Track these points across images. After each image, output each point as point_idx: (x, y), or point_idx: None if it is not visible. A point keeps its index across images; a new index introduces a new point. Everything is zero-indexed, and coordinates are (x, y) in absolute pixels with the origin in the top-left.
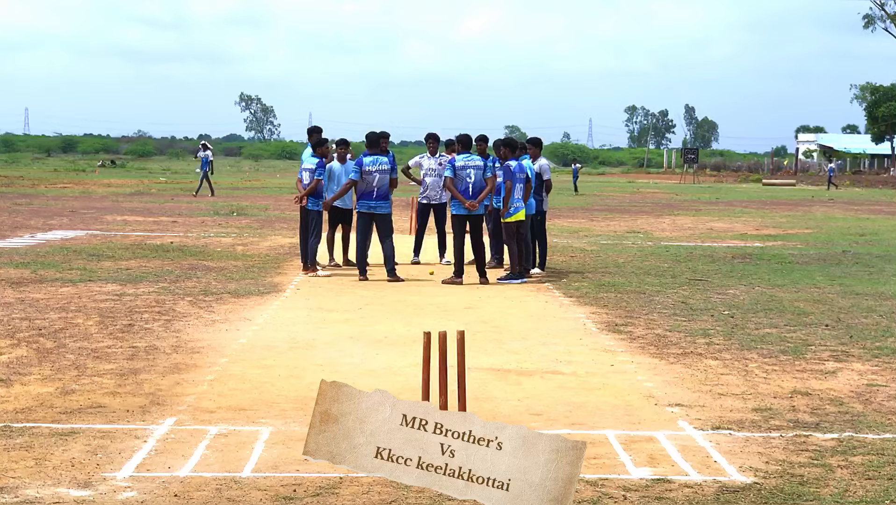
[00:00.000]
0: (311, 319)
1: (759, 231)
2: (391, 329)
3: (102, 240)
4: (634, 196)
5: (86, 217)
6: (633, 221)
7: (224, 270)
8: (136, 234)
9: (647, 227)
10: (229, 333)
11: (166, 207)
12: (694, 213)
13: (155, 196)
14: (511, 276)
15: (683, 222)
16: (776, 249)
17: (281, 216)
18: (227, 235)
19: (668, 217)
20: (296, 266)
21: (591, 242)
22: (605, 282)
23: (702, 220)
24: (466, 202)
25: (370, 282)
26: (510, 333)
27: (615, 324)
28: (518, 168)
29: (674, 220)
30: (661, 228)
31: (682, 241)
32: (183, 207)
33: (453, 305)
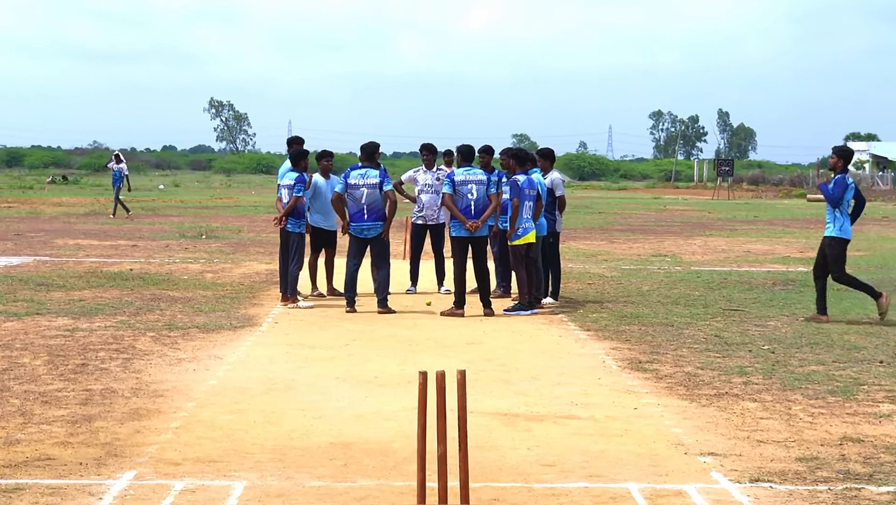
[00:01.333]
0: (291, 357)
1: (804, 254)
2: (382, 368)
3: (52, 267)
4: (661, 214)
5: (33, 241)
6: (660, 243)
7: (191, 301)
8: (90, 261)
9: (676, 249)
10: (197, 373)
11: (125, 230)
12: (729, 234)
13: (112, 217)
14: (519, 306)
15: (717, 244)
16: None
17: (256, 239)
18: (195, 261)
19: (699, 238)
20: (274, 296)
21: (612, 268)
22: (627, 313)
23: (738, 241)
24: (468, 223)
25: (358, 314)
26: (518, 371)
27: (639, 361)
28: (527, 183)
29: (706, 242)
30: (691, 251)
31: (715, 265)
32: (144, 230)
33: (453, 341)
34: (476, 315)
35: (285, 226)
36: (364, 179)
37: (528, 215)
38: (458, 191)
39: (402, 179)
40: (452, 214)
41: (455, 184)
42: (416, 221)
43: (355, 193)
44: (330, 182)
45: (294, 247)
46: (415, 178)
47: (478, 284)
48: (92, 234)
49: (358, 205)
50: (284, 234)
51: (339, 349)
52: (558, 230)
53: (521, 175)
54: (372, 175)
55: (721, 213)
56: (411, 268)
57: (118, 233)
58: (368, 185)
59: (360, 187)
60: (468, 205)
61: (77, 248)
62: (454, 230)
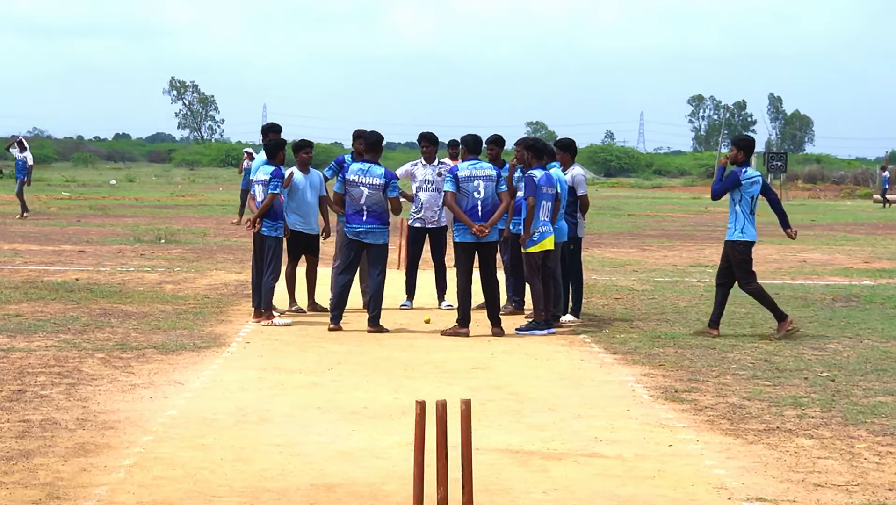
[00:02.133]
0: (266, 383)
1: (870, 265)
2: (373, 397)
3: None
4: (701, 217)
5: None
6: (699, 251)
7: (148, 317)
8: (29, 269)
9: (718, 258)
10: (154, 401)
11: (70, 232)
12: (780, 241)
13: (55, 217)
14: (534, 324)
15: (766, 253)
16: (892, 290)
17: (225, 244)
18: (153, 270)
19: None
20: (245, 311)
21: (643, 280)
22: (660, 333)
23: (791, 249)
24: (474, 226)
25: (344, 332)
26: (533, 401)
27: (675, 390)
28: (545, 180)
29: (754, 250)
30: None
31: (764, 277)
32: (93, 233)
33: (456, 365)
34: (483, 335)
35: (260, 229)
36: (366, 177)
37: (546, 218)
38: (462, 189)
39: (396, 175)
40: (456, 216)
41: (459, 180)
42: (412, 224)
43: (353, 192)
44: (309, 177)
45: (270, 254)
46: (412, 174)
47: (485, 299)
48: (31, 238)
49: (355, 205)
50: (258, 238)
51: (321, 374)
52: (580, 235)
53: (537, 170)
54: (375, 174)
55: (772, 215)
56: (407, 279)
57: (62, 236)
58: (370, 186)
59: (361, 186)
60: (474, 205)
61: (13, 253)
62: (458, 235)
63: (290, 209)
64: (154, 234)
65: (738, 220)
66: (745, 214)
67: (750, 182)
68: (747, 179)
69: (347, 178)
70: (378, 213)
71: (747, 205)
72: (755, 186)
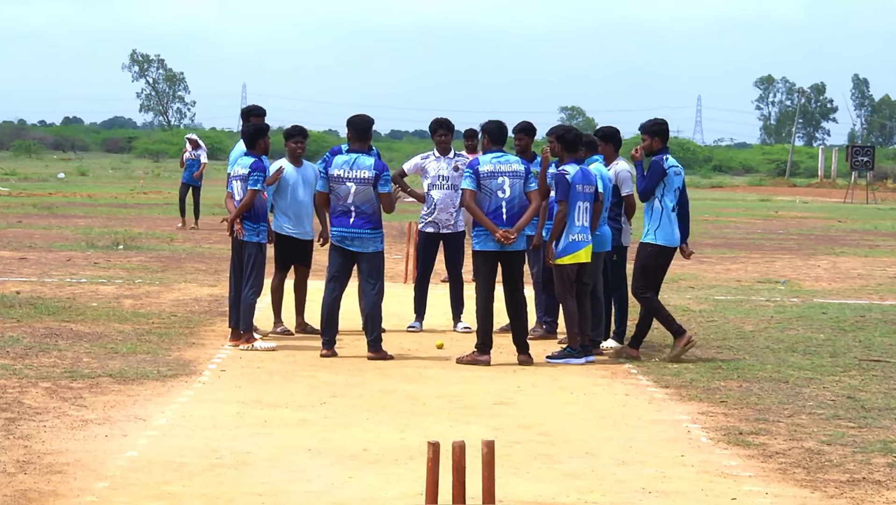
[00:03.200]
0: (245, 420)
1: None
2: (374, 437)
3: None
4: (770, 223)
5: None
6: (769, 265)
7: (103, 339)
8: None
9: (792, 273)
10: (111, 441)
11: (10, 236)
12: (868, 252)
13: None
14: (568, 351)
15: (850, 266)
16: None
17: (196, 251)
18: (109, 282)
19: (824, 258)
20: (220, 332)
21: (701, 298)
22: (722, 363)
23: (880, 262)
24: (498, 231)
25: (340, 359)
26: (568, 445)
27: (739, 431)
28: (580, 177)
29: (835, 263)
30: (813, 276)
31: (848, 296)
32: (37, 236)
33: (476, 400)
34: (507, 363)
35: (241, 233)
36: (352, 170)
37: (584, 223)
38: (484, 186)
39: (404, 170)
40: (476, 220)
41: (480, 176)
42: (423, 229)
43: (338, 189)
44: (302, 171)
45: (251, 263)
46: (423, 168)
47: (510, 320)
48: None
49: (341, 204)
50: (237, 244)
51: (312, 409)
52: (626, 244)
53: (571, 165)
54: (363, 165)
55: (857, 221)
56: (416, 295)
57: (1, 240)
58: (358, 180)
59: (346, 181)
60: (498, 206)
61: None
62: (478, 242)
63: (278, 210)
64: (111, 238)
65: (653, 219)
66: (666, 212)
67: (674, 172)
68: (671, 168)
69: (331, 174)
70: (368, 215)
71: (670, 200)
72: (679, 178)
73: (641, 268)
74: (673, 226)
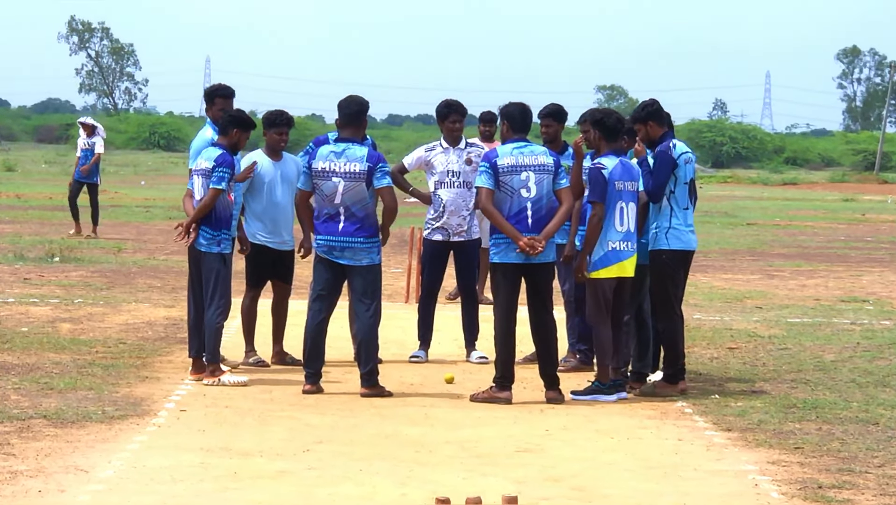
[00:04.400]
0: (211, 472)
1: None
2: (370, 492)
3: None
4: (856, 228)
5: None
6: (854, 280)
7: (35, 371)
8: None
9: (882, 290)
10: (45, 497)
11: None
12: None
13: None
14: (597, 386)
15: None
16: None
17: (149, 264)
18: (42, 302)
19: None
20: (180, 364)
21: (770, 321)
22: (796, 400)
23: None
24: (521, 239)
25: (327, 396)
26: (607, 501)
27: (818, 485)
28: (620, 172)
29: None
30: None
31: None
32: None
33: (494, 446)
34: (533, 401)
35: (195, 241)
36: (340, 163)
37: (629, 227)
38: (504, 184)
39: (404, 165)
40: (494, 225)
41: (499, 172)
42: (430, 237)
43: (324, 187)
44: (281, 165)
45: (213, 279)
46: (428, 163)
47: (536, 348)
48: None
49: (328, 205)
50: (194, 256)
51: (292, 459)
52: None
53: (609, 158)
54: (353, 156)
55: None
56: (420, 318)
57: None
58: (347, 174)
59: (332, 175)
60: (522, 208)
61: None
62: (497, 253)
63: (251, 213)
64: (44, 248)
65: (662, 220)
66: (678, 210)
67: (684, 161)
68: (681, 157)
69: (314, 168)
70: (360, 219)
71: (682, 195)
72: (690, 167)
73: (662, 278)
74: (686, 225)
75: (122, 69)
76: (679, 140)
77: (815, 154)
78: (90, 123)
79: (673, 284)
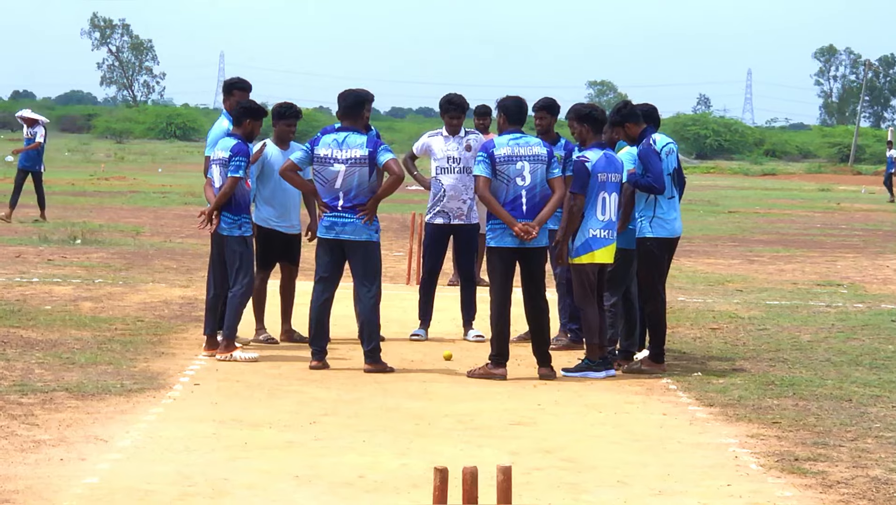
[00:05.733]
0: (222, 442)
1: None
2: (372, 462)
3: None
4: (831, 216)
5: None
6: (830, 265)
7: (58, 347)
8: None
9: (855, 275)
10: (67, 465)
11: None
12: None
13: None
14: (586, 363)
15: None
16: None
17: (166, 247)
18: (65, 282)
19: (894, 257)
20: (194, 340)
21: (750, 303)
22: (775, 378)
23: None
24: (517, 224)
25: (332, 372)
26: (596, 472)
27: (794, 457)
28: (604, 164)
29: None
30: (881, 278)
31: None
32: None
33: (490, 419)
34: (527, 377)
35: (217, 226)
36: (340, 150)
37: (609, 217)
38: (500, 173)
39: (413, 151)
40: (491, 211)
41: (496, 161)
42: (431, 221)
43: (325, 172)
44: (289, 154)
45: (238, 260)
46: (430, 149)
47: (530, 328)
48: None
49: (329, 190)
50: (217, 239)
51: (300, 430)
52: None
53: (593, 151)
54: (354, 144)
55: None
56: (421, 298)
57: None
58: (348, 160)
59: (333, 162)
60: (517, 195)
61: None
62: (493, 238)
63: (261, 199)
64: (67, 231)
65: (648, 208)
66: (662, 199)
67: (666, 152)
68: (663, 148)
69: (317, 154)
70: (361, 201)
71: (667, 184)
72: (672, 157)
73: (643, 267)
74: (673, 213)
75: (141, 63)
76: (660, 133)
77: (794, 147)
78: (28, 116)
79: (657, 270)
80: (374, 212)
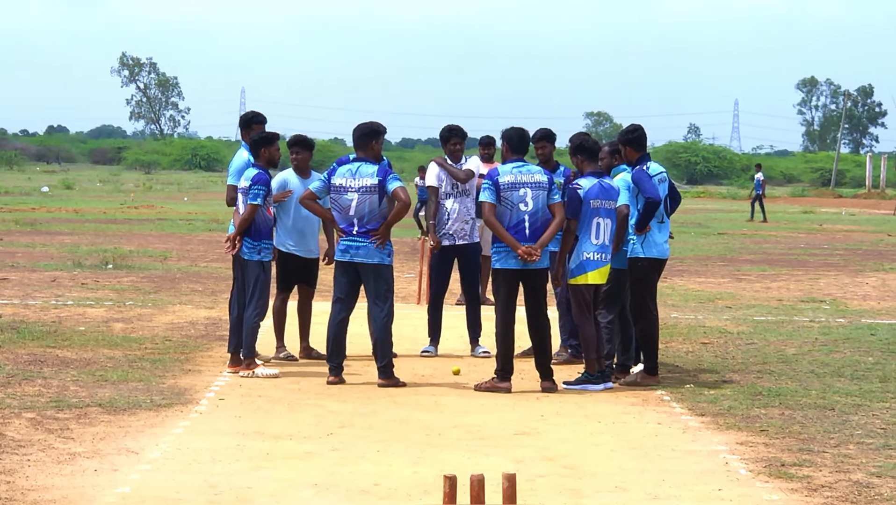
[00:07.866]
0: (246, 453)
1: None
2: (386, 470)
3: None
4: (814, 237)
5: None
6: (813, 282)
7: (91, 366)
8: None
9: (837, 291)
10: (100, 475)
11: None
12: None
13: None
14: (586, 377)
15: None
16: None
17: (192, 270)
18: (97, 304)
19: (873, 275)
20: (219, 358)
21: (739, 319)
22: (762, 389)
23: None
24: (520, 247)
25: (349, 386)
26: (595, 478)
27: (781, 463)
28: (598, 191)
29: (884, 281)
30: (861, 295)
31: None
32: (19, 255)
33: (496, 429)
34: (530, 390)
35: (239, 251)
36: (354, 179)
37: (603, 241)
38: (504, 199)
39: (433, 186)
40: (496, 235)
41: (500, 188)
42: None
43: (340, 200)
44: (308, 183)
45: (254, 284)
46: (439, 176)
47: (533, 343)
48: None
49: (345, 217)
50: (239, 263)
51: (318, 441)
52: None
53: (587, 179)
54: (365, 173)
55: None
56: (430, 317)
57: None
58: (360, 189)
59: (348, 191)
60: (520, 220)
61: None
62: (498, 260)
63: (281, 225)
64: (99, 256)
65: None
66: (654, 223)
67: (658, 180)
68: (656, 176)
69: (333, 184)
70: (377, 228)
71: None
72: (664, 185)
73: (635, 285)
74: (661, 235)
75: (167, 99)
76: (654, 162)
77: (778, 172)
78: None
79: (648, 288)
80: (387, 237)
